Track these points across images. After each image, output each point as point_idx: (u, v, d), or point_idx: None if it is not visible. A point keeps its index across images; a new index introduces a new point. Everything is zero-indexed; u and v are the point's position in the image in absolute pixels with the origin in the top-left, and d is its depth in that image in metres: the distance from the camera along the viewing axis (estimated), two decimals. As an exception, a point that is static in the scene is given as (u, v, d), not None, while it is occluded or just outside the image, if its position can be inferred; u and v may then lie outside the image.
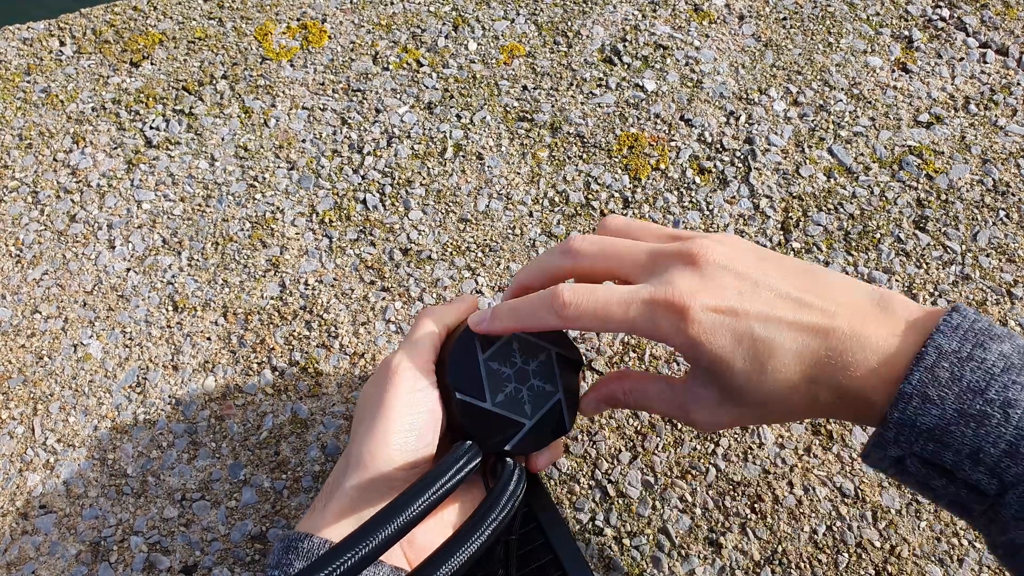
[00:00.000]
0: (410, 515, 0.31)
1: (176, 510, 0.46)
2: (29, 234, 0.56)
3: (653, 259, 0.34)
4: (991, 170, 0.58)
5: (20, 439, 0.48)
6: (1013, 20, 0.66)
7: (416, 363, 0.37)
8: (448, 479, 0.33)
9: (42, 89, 0.62)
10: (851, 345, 0.30)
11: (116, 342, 0.52)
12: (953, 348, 0.28)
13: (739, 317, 0.31)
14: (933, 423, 0.28)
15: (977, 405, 0.27)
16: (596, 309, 0.33)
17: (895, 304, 0.31)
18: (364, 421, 0.37)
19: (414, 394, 0.36)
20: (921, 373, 0.28)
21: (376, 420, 0.36)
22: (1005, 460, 0.27)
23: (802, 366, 0.31)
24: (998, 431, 0.27)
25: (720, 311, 0.31)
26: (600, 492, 0.46)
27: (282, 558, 0.33)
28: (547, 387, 0.39)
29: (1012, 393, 0.27)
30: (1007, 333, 0.29)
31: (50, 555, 0.45)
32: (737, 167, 0.59)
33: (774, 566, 0.44)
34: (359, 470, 0.35)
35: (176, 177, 0.58)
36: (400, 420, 0.35)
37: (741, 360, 0.32)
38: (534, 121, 0.61)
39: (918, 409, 0.28)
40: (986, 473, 0.27)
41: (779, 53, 0.65)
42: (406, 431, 0.35)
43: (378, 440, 0.35)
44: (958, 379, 0.28)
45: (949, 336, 0.29)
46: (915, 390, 0.28)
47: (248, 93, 0.62)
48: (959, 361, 0.28)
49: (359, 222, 0.56)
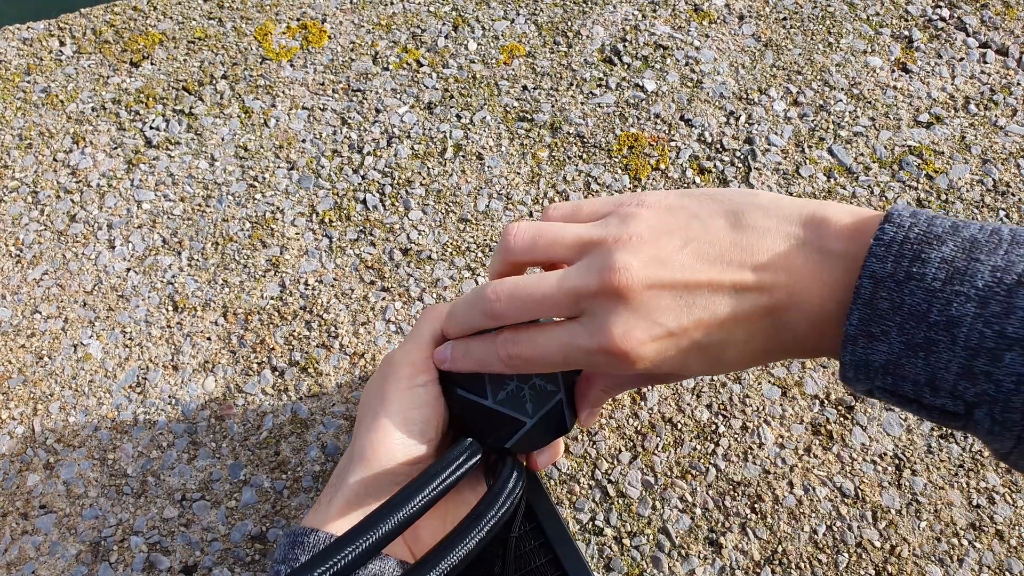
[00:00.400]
0: (410, 511, 0.31)
1: (176, 510, 0.46)
2: (29, 234, 0.56)
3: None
4: (991, 170, 0.58)
5: (20, 439, 0.48)
6: (1013, 20, 0.66)
7: (416, 358, 0.37)
8: (448, 475, 0.33)
9: (42, 89, 0.62)
10: (794, 311, 0.30)
11: (116, 342, 0.52)
12: (888, 271, 0.27)
13: (680, 336, 0.31)
14: (883, 359, 0.27)
15: (922, 332, 0.26)
16: (536, 356, 0.33)
17: (827, 231, 0.29)
18: (367, 416, 0.37)
19: (415, 388, 0.36)
20: (860, 310, 0.27)
21: (378, 415, 0.36)
22: (962, 383, 0.26)
23: (753, 345, 0.31)
24: (947, 355, 0.26)
25: (659, 338, 0.31)
26: (600, 492, 0.46)
27: (288, 552, 0.34)
28: (549, 386, 0.39)
29: (955, 308, 0.25)
30: (951, 227, 0.27)
31: (50, 555, 0.45)
32: (737, 167, 0.59)
33: (774, 566, 0.44)
34: (362, 465, 0.35)
35: (176, 177, 0.58)
36: (402, 414, 0.36)
37: (696, 364, 0.32)
38: (534, 121, 0.61)
39: (866, 348, 0.27)
40: (948, 397, 0.26)
41: (779, 53, 0.65)
42: (408, 425, 0.36)
43: (381, 434, 0.35)
44: (898, 307, 0.26)
45: (883, 257, 0.27)
46: (858, 330, 0.27)
47: (248, 93, 0.62)
48: (896, 285, 0.26)
49: (359, 222, 0.56)
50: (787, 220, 0.30)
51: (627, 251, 0.31)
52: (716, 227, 0.31)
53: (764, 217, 0.31)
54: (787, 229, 0.30)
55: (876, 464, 0.47)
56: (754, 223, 0.31)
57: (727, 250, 0.31)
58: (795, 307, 0.29)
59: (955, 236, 0.27)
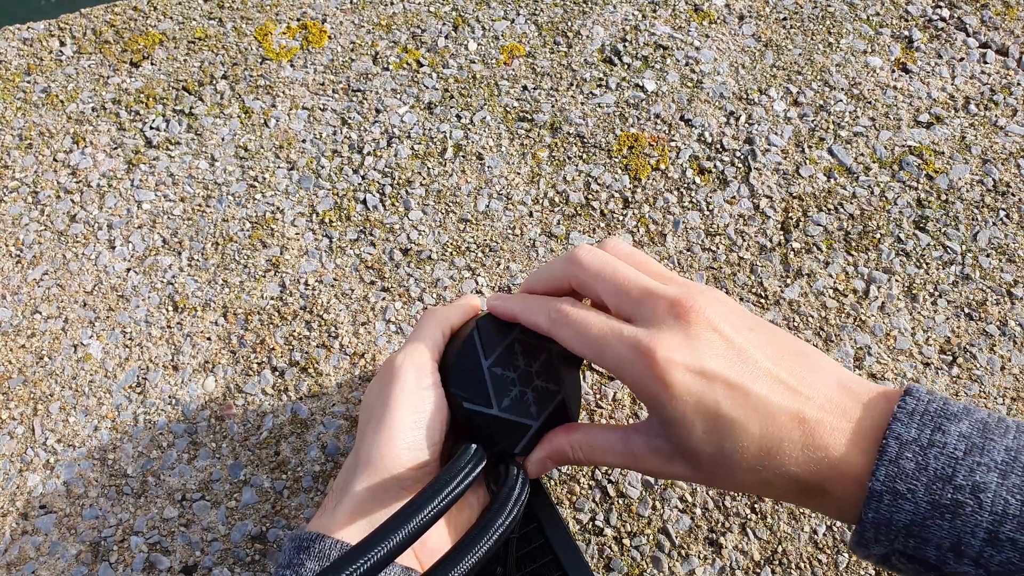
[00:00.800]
0: (422, 520, 0.31)
1: (176, 510, 0.46)
2: (29, 234, 0.56)
3: (643, 297, 0.34)
4: (991, 170, 0.58)
5: (20, 439, 0.48)
6: (1013, 20, 0.66)
7: (419, 362, 0.37)
8: (457, 484, 0.33)
9: (42, 89, 0.62)
10: (819, 435, 0.30)
11: (116, 342, 0.52)
12: (912, 436, 0.28)
13: (711, 381, 0.31)
14: (909, 519, 0.27)
15: (948, 494, 0.27)
16: (580, 324, 0.34)
17: (862, 390, 0.31)
18: (371, 421, 0.37)
19: (420, 392, 0.36)
20: (887, 467, 0.28)
21: (383, 419, 0.36)
22: (987, 550, 0.26)
23: (765, 443, 0.30)
24: (974, 519, 0.26)
25: (694, 371, 0.31)
26: (600, 492, 0.46)
27: (293, 558, 0.33)
28: (550, 386, 0.39)
29: (979, 476, 0.27)
30: (962, 409, 0.29)
31: (50, 555, 0.45)
32: (737, 167, 0.59)
33: (774, 566, 0.44)
34: (368, 470, 0.35)
35: (176, 177, 0.58)
36: (407, 418, 0.35)
37: (700, 429, 0.31)
38: (534, 121, 0.61)
39: (891, 506, 0.28)
40: (971, 565, 0.27)
41: (779, 53, 0.65)
42: (414, 429, 0.35)
43: (386, 439, 0.35)
44: (923, 468, 0.27)
45: (907, 423, 0.28)
46: (884, 486, 0.28)
47: (248, 93, 0.62)
48: (921, 449, 0.28)
49: (359, 222, 0.56)
50: (834, 365, 0.32)
51: (709, 301, 0.33)
52: (780, 338, 0.33)
53: (822, 357, 0.33)
54: (834, 367, 0.32)
55: (876, 464, 0.47)
56: (815, 355, 0.33)
57: (788, 357, 0.32)
58: (821, 431, 0.30)
59: (969, 417, 0.28)
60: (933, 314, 0.52)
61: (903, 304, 0.53)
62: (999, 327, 0.52)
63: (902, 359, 0.51)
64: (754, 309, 0.53)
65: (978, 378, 0.50)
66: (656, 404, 0.32)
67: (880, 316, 0.52)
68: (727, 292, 0.53)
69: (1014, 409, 0.49)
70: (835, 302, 0.53)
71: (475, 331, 0.38)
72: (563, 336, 0.35)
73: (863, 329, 0.52)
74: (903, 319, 0.52)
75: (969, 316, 0.52)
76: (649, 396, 0.32)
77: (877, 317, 0.52)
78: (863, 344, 0.51)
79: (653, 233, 0.56)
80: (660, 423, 0.33)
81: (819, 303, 0.53)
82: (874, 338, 0.52)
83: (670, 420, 0.32)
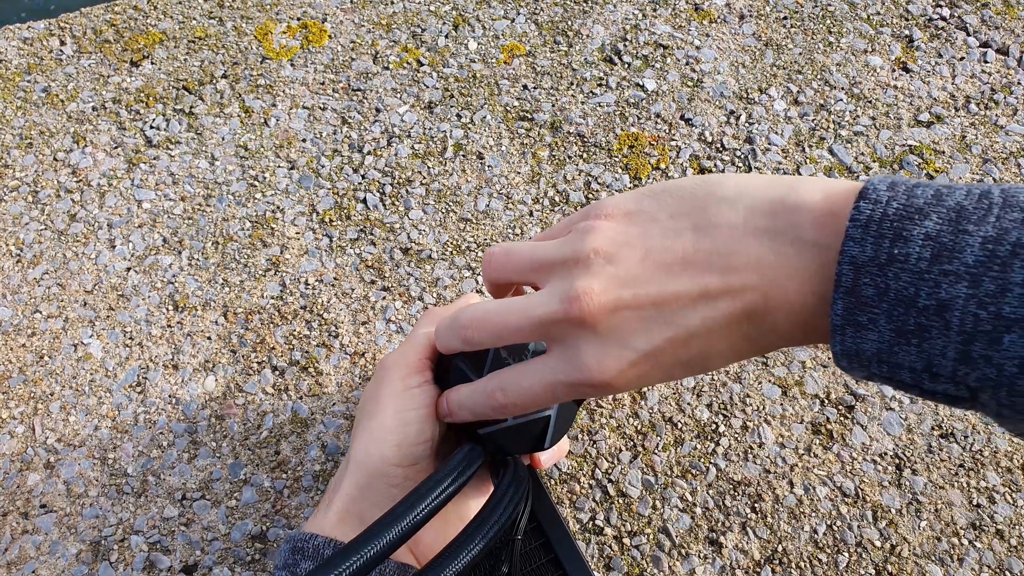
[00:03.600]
0: (415, 518, 0.31)
1: (176, 509, 0.46)
2: (29, 234, 0.56)
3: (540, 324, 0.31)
4: (991, 170, 0.58)
5: (20, 439, 0.48)
6: (1013, 20, 0.66)
7: (409, 360, 0.37)
8: (451, 482, 0.33)
9: (42, 88, 0.62)
10: (773, 312, 0.28)
11: (116, 341, 0.52)
12: (869, 255, 0.24)
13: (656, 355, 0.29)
14: (874, 348, 0.25)
15: (911, 318, 0.24)
16: (525, 400, 0.32)
17: (799, 218, 0.27)
18: (362, 420, 0.37)
19: (408, 391, 0.36)
20: (844, 299, 0.25)
21: (373, 417, 0.36)
22: (961, 368, 0.24)
23: (738, 348, 0.29)
24: (942, 342, 0.24)
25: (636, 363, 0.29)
26: (600, 491, 0.46)
27: (288, 558, 0.33)
28: None
29: (945, 290, 0.23)
30: (932, 197, 0.25)
31: (50, 554, 0.45)
32: (738, 167, 0.58)
33: (774, 565, 0.44)
34: (358, 469, 0.35)
35: (176, 176, 0.58)
36: (395, 416, 0.35)
37: (681, 375, 0.30)
38: (534, 120, 0.61)
39: (855, 337, 0.25)
40: (949, 383, 0.24)
41: (779, 52, 0.65)
42: (403, 427, 0.35)
43: (375, 437, 0.35)
44: (884, 292, 0.24)
45: (860, 240, 0.25)
46: (844, 320, 0.25)
47: (248, 92, 0.62)
48: (879, 269, 0.24)
49: (359, 222, 0.56)
50: (754, 211, 0.28)
51: (586, 273, 0.29)
52: (676, 230, 0.29)
53: (730, 210, 0.28)
54: (755, 222, 0.28)
55: (876, 463, 0.47)
56: (718, 220, 0.29)
57: (691, 255, 0.28)
58: (773, 308, 0.28)
59: (939, 207, 0.24)
60: (933, 313, 0.52)
61: (903, 303, 0.53)
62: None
63: (902, 358, 0.51)
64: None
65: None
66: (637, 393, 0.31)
67: (880, 315, 0.52)
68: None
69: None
70: (835, 301, 0.53)
71: (458, 357, 0.37)
72: (521, 412, 0.33)
73: (863, 328, 0.52)
74: (903, 318, 0.52)
75: (969, 315, 0.52)
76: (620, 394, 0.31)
77: (877, 316, 0.52)
78: (863, 343, 0.51)
79: (653, 232, 0.56)
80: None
81: (819, 302, 0.53)
82: (874, 337, 0.51)
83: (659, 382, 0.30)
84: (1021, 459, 0.47)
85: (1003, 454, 0.48)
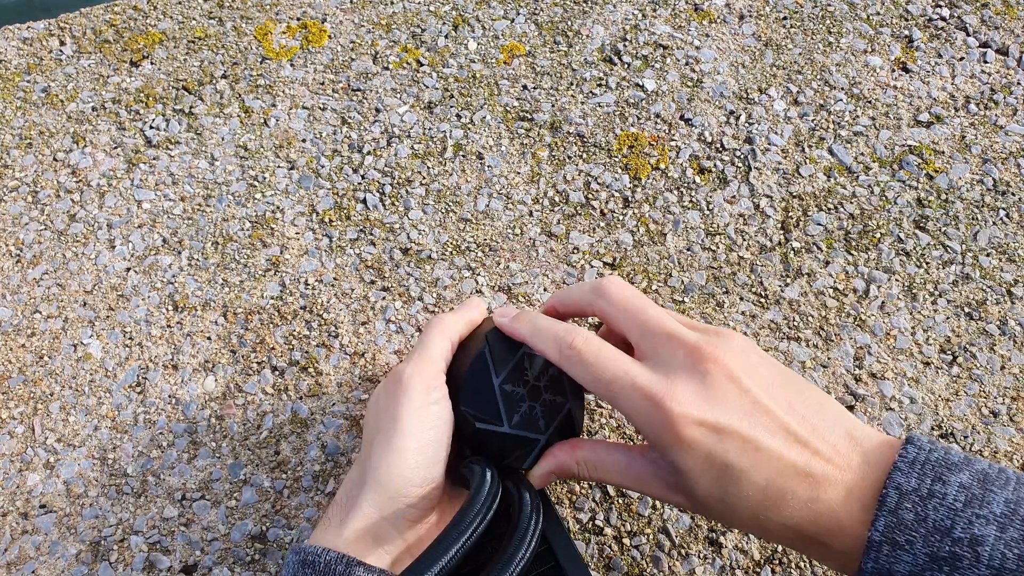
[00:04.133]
0: (448, 563, 0.31)
1: (176, 510, 0.46)
2: (29, 234, 0.56)
3: (666, 339, 0.33)
4: (991, 170, 0.58)
5: (20, 439, 0.48)
6: (1013, 20, 0.66)
7: (427, 374, 0.37)
8: (480, 520, 0.33)
9: (42, 89, 0.62)
10: (823, 490, 0.30)
11: (116, 342, 0.52)
12: (912, 486, 0.28)
13: (723, 435, 0.31)
14: (907, 570, 0.28)
15: (946, 546, 0.27)
16: (590, 363, 0.33)
17: (865, 440, 0.31)
18: (379, 435, 0.36)
19: (427, 408, 0.36)
20: (886, 518, 0.28)
21: (392, 436, 0.35)
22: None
23: (769, 493, 0.31)
24: (972, 573, 0.27)
25: (706, 425, 0.31)
26: (600, 491, 0.46)
27: (298, 571, 0.33)
28: (557, 399, 0.38)
29: (977, 529, 0.27)
30: (963, 459, 0.29)
31: (50, 555, 0.45)
32: (737, 167, 0.58)
33: (774, 565, 0.44)
34: (377, 489, 0.34)
35: (176, 177, 0.58)
36: (416, 437, 0.35)
37: (706, 480, 0.31)
38: (534, 121, 0.61)
39: (890, 556, 0.28)
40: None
41: (779, 52, 0.65)
42: (423, 448, 0.35)
43: (395, 458, 0.35)
44: (923, 520, 0.27)
45: (907, 473, 0.28)
46: (883, 536, 0.28)
47: (248, 93, 0.62)
48: (920, 500, 0.28)
49: (359, 222, 0.56)
50: (842, 413, 0.33)
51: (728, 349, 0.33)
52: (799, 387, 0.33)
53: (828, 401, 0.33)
54: (842, 419, 0.32)
55: (876, 464, 0.47)
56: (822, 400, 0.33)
57: (797, 402, 0.32)
58: (827, 486, 0.30)
59: (969, 467, 0.28)
60: (933, 313, 0.52)
61: (903, 303, 0.53)
62: (999, 326, 0.52)
63: (902, 358, 0.51)
64: (754, 309, 0.53)
65: (978, 378, 0.50)
66: (667, 452, 0.32)
67: (880, 315, 0.52)
68: (726, 292, 0.53)
69: (1014, 408, 0.49)
70: (835, 301, 0.53)
71: (486, 348, 0.37)
72: (574, 372, 0.34)
73: (863, 329, 0.52)
74: (903, 318, 0.52)
75: (969, 316, 0.52)
76: (661, 445, 0.32)
77: (877, 316, 0.52)
78: (863, 343, 0.51)
79: (653, 232, 0.56)
80: (668, 465, 0.33)
81: (819, 303, 0.53)
82: (874, 337, 0.52)
83: (678, 468, 0.32)
84: (1021, 459, 0.47)
85: (1003, 454, 0.48)
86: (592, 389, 0.34)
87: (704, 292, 0.53)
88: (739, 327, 0.52)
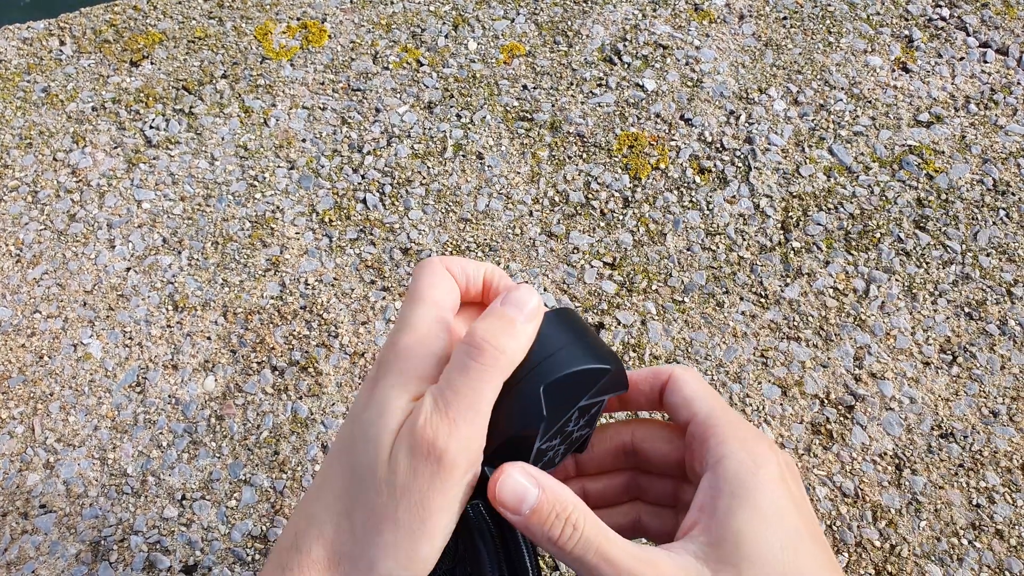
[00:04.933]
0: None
1: (176, 509, 0.46)
2: (29, 234, 0.56)
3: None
4: (991, 170, 0.58)
5: (20, 438, 0.48)
6: (1013, 20, 0.66)
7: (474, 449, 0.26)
8: None
9: (42, 88, 0.62)
10: None
11: (116, 342, 0.52)
12: None
13: None
14: None
15: None
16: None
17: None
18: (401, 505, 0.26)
19: (464, 489, 0.26)
20: None
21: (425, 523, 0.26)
22: None
23: None
24: None
25: None
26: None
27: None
28: (585, 432, 0.32)
29: None
30: None
31: (50, 555, 0.45)
32: (737, 166, 0.58)
33: None
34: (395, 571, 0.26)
35: (176, 176, 0.58)
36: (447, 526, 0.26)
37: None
38: (534, 120, 0.61)
39: None
40: None
41: (779, 52, 0.65)
42: (444, 539, 0.27)
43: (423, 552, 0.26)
44: None
45: None
46: None
47: (248, 92, 0.62)
48: None
49: (359, 222, 0.56)
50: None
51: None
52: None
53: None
54: None
55: (876, 463, 0.47)
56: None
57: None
58: None
59: None
60: (933, 313, 0.52)
61: (903, 303, 0.53)
62: (999, 326, 0.52)
63: (902, 358, 0.51)
64: (754, 308, 0.53)
65: (978, 377, 0.50)
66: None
67: (880, 315, 0.52)
68: (726, 292, 0.53)
69: (1014, 408, 0.49)
70: (835, 301, 0.53)
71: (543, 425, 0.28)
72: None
73: (863, 328, 0.52)
74: (903, 318, 0.52)
75: (969, 315, 0.52)
76: None
77: (877, 316, 0.52)
78: (863, 343, 0.51)
79: (653, 232, 0.56)
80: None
81: (819, 302, 0.53)
82: (874, 337, 0.52)
83: None
84: (1021, 459, 0.47)
85: (1003, 454, 0.48)
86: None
87: (704, 292, 0.53)
88: (739, 327, 0.52)
